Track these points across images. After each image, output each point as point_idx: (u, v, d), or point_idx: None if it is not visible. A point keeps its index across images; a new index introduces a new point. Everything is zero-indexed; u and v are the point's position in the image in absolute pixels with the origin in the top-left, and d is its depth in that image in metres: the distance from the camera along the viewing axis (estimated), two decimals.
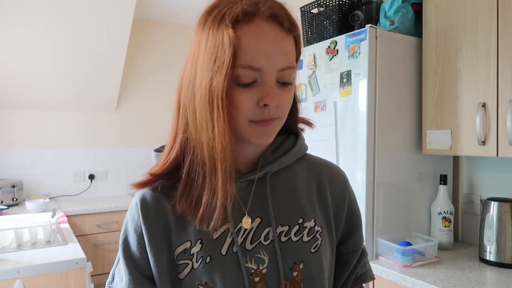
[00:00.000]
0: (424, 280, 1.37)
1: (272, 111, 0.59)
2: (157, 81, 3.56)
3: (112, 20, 2.75)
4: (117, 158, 3.43)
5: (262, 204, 0.66)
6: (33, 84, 2.92)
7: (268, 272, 0.63)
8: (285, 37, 0.59)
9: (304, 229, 0.67)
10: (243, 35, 0.56)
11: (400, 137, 1.71)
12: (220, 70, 0.56)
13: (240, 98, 0.57)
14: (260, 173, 0.67)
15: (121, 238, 0.67)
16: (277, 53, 0.57)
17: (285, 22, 0.58)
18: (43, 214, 2.23)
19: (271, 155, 0.69)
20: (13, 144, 3.06)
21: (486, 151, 1.48)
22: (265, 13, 0.57)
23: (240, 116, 0.59)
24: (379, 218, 1.63)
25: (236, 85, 0.57)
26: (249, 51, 0.56)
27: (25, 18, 2.50)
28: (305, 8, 1.96)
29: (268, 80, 0.58)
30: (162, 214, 0.65)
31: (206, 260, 0.62)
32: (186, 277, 0.62)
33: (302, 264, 0.65)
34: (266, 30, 0.57)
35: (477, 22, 1.50)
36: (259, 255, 0.63)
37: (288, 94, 0.61)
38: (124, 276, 0.64)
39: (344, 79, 1.69)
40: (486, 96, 1.47)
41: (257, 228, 0.65)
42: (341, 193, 0.74)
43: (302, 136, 0.75)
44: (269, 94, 0.57)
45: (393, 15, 1.71)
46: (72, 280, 1.64)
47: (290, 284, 0.64)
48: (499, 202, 1.53)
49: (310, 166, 0.75)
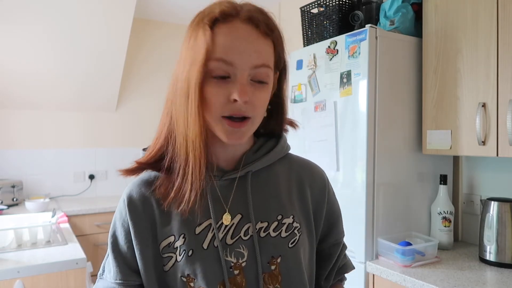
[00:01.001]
0: (424, 280, 1.37)
1: (242, 108, 0.61)
2: (157, 81, 3.56)
3: (112, 20, 2.75)
4: (117, 158, 3.43)
5: (243, 201, 0.70)
6: (33, 84, 2.92)
7: (247, 266, 0.67)
8: (261, 38, 0.62)
9: (282, 225, 0.70)
10: (219, 32, 0.60)
11: (400, 137, 1.71)
12: (195, 62, 0.60)
13: (212, 92, 0.61)
14: (241, 171, 0.70)
15: (110, 233, 0.71)
16: (250, 51, 0.61)
17: (262, 26, 0.62)
18: (43, 214, 2.23)
19: (253, 155, 0.72)
20: (13, 144, 3.06)
21: (486, 151, 1.48)
22: (243, 16, 0.61)
23: (212, 110, 0.62)
24: (379, 218, 1.63)
25: (210, 78, 0.61)
26: (223, 46, 0.60)
27: (25, 18, 2.50)
28: (305, 8, 1.96)
29: (240, 77, 0.60)
30: (148, 210, 0.69)
31: (189, 253, 0.65)
32: (170, 269, 0.66)
33: (280, 258, 0.68)
34: (241, 31, 0.61)
35: (477, 22, 1.50)
36: (239, 250, 0.67)
37: (261, 93, 0.64)
38: (112, 268, 0.69)
39: (344, 79, 1.69)
40: (486, 96, 1.47)
41: (237, 224, 0.68)
42: (320, 191, 0.78)
43: (285, 136, 0.78)
44: (238, 89, 0.60)
45: (393, 15, 1.71)
46: (72, 280, 1.64)
47: (268, 276, 0.67)
48: (499, 202, 1.53)
49: (291, 165, 0.78)
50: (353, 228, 1.62)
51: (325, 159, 1.74)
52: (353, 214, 1.62)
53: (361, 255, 1.59)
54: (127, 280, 0.68)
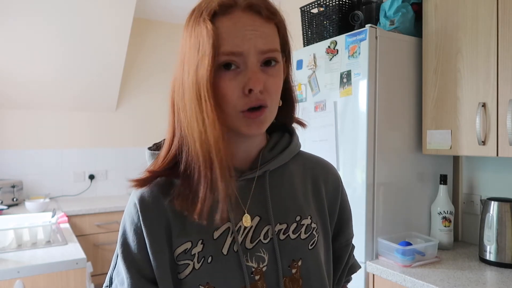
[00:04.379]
0: (424, 280, 1.37)
1: (259, 96, 0.59)
2: (157, 81, 3.56)
3: (112, 20, 2.75)
4: (117, 158, 3.43)
5: (261, 202, 0.67)
6: (33, 84, 2.92)
7: (268, 270, 0.64)
8: (265, 23, 0.60)
9: (301, 226, 0.68)
10: (221, 25, 0.58)
11: (400, 137, 1.71)
12: (203, 61, 0.57)
13: (226, 87, 0.58)
14: (259, 171, 0.67)
15: (119, 241, 0.64)
16: (256, 37, 0.58)
17: (263, 11, 0.59)
18: (43, 214, 2.23)
19: (269, 153, 0.69)
20: (13, 144, 3.06)
21: (486, 151, 1.48)
22: (242, 4, 0.59)
23: (229, 106, 0.59)
24: (379, 218, 1.63)
25: (220, 73, 0.58)
26: (228, 38, 0.57)
27: (25, 18, 2.50)
28: (305, 8, 1.96)
29: (250, 64, 0.58)
30: (162, 214, 0.63)
31: (208, 260, 0.62)
32: (186, 277, 0.62)
33: (301, 261, 0.66)
34: (243, 20, 0.58)
35: (477, 22, 1.50)
36: (259, 254, 0.64)
37: (275, 79, 0.61)
38: (126, 280, 0.62)
39: (344, 79, 1.69)
40: (486, 96, 1.47)
41: (256, 227, 0.65)
42: (334, 190, 0.77)
43: (297, 133, 0.77)
44: (251, 78, 0.57)
45: (393, 15, 1.71)
46: (72, 280, 1.64)
47: (289, 281, 0.65)
48: (499, 202, 1.53)
49: (304, 163, 0.76)
50: (353, 228, 1.62)
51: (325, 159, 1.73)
52: (353, 214, 1.62)
53: (361, 255, 1.59)
54: None
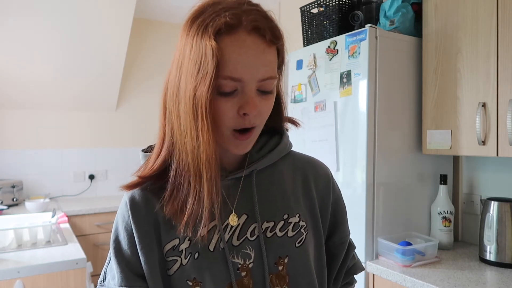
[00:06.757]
0: (424, 280, 1.37)
1: (252, 120, 0.61)
2: (157, 81, 3.55)
3: (112, 20, 2.75)
4: (117, 158, 3.43)
5: (248, 201, 0.69)
6: (33, 84, 2.92)
7: (254, 267, 0.66)
8: (267, 49, 0.60)
9: (289, 224, 0.69)
10: (225, 47, 0.57)
11: (400, 137, 1.71)
12: (204, 81, 0.57)
13: (221, 107, 0.59)
14: (246, 171, 0.69)
15: (112, 238, 0.69)
16: (258, 65, 0.59)
17: (268, 35, 0.59)
18: (43, 214, 2.23)
19: (257, 153, 0.71)
20: (13, 144, 3.06)
21: (486, 151, 1.48)
22: (248, 26, 0.58)
23: (222, 125, 0.61)
24: (379, 218, 1.63)
25: (218, 94, 0.59)
26: (230, 63, 0.57)
27: (25, 18, 2.50)
28: (305, 8, 1.96)
29: (248, 90, 0.59)
30: (151, 212, 0.67)
31: (195, 256, 0.64)
32: (175, 273, 0.65)
33: (287, 259, 0.68)
34: (248, 43, 0.58)
35: (477, 22, 1.50)
36: (246, 251, 0.66)
37: (267, 102, 0.63)
38: (116, 274, 0.66)
39: (344, 79, 1.69)
40: (486, 96, 1.47)
41: (243, 225, 0.67)
42: (325, 186, 0.77)
43: (287, 134, 0.77)
44: (249, 103, 0.59)
45: (393, 15, 1.71)
46: (72, 280, 1.64)
47: (275, 277, 0.67)
48: (499, 202, 1.53)
49: (294, 163, 0.77)
50: (353, 228, 1.61)
51: (325, 159, 1.72)
52: (353, 214, 1.62)
53: (361, 255, 1.59)
54: (132, 285, 0.65)
